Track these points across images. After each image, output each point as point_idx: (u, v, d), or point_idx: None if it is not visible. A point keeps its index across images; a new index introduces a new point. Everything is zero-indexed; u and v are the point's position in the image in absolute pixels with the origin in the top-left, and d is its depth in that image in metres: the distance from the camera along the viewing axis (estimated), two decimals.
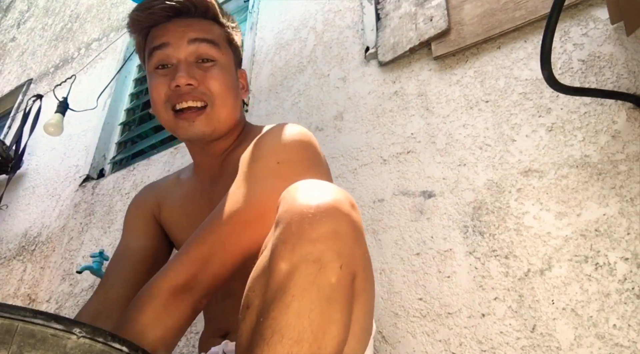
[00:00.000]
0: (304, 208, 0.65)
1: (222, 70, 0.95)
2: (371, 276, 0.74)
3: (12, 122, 2.95)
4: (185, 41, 0.93)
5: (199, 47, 0.93)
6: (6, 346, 0.46)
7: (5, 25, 4.07)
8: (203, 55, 0.94)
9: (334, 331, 0.62)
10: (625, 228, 0.97)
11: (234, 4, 2.39)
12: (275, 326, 0.61)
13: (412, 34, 1.49)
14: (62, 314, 0.84)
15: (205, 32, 0.95)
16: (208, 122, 0.93)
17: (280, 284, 0.63)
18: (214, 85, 0.93)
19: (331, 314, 0.63)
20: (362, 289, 0.69)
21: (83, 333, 0.48)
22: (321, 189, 0.69)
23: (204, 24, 0.97)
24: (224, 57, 0.96)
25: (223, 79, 0.94)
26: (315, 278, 0.62)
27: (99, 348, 0.49)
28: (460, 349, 1.02)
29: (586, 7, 1.23)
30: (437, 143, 1.30)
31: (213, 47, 0.94)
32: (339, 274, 0.64)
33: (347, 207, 0.67)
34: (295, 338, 0.60)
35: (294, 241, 0.64)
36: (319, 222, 0.64)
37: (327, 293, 0.62)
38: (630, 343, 0.87)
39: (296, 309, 0.61)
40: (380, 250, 1.23)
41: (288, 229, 0.65)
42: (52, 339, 0.47)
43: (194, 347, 1.39)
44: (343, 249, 0.65)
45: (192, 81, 0.91)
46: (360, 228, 0.69)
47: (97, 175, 2.25)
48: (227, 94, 0.95)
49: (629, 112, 1.07)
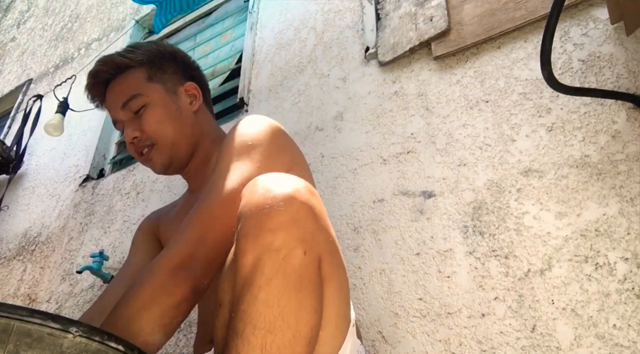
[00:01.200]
0: (261, 200, 0.67)
1: (152, 110, 1.07)
2: (339, 260, 0.75)
3: (12, 123, 2.95)
4: (118, 108, 1.08)
5: (128, 106, 1.07)
6: (3, 344, 0.46)
7: (5, 25, 4.07)
8: (134, 109, 1.07)
9: (305, 317, 0.64)
10: (625, 228, 0.96)
11: (234, 4, 2.38)
12: (246, 318, 0.62)
13: (412, 34, 1.49)
14: (62, 314, 0.84)
15: (125, 92, 1.08)
16: (160, 154, 1.07)
17: (247, 277, 0.64)
18: (149, 127, 1.06)
19: (300, 301, 0.64)
20: (331, 274, 0.70)
21: (80, 332, 0.48)
22: (278, 180, 0.71)
23: (124, 81, 1.10)
24: (149, 97, 1.08)
25: (154, 116, 1.07)
26: (279, 266, 0.63)
27: (95, 347, 0.49)
28: (460, 349, 1.01)
29: (586, 7, 1.23)
30: (437, 143, 1.30)
31: (136, 98, 1.07)
32: (303, 260, 0.65)
33: (304, 194, 0.69)
34: (268, 327, 0.61)
35: (254, 233, 0.65)
36: (276, 212, 0.66)
37: (293, 279, 0.64)
38: (630, 343, 0.87)
39: (264, 299, 0.62)
40: (380, 250, 1.23)
41: (248, 222, 0.67)
42: (49, 339, 0.47)
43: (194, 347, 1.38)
44: (304, 235, 0.66)
45: (135, 134, 1.06)
46: (321, 214, 0.71)
47: (97, 175, 2.25)
48: (164, 126, 1.07)
49: (629, 112, 1.06)
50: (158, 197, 1.86)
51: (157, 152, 1.06)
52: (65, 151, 2.47)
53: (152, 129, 1.05)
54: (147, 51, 1.13)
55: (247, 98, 1.87)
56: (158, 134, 1.06)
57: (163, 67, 1.12)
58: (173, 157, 1.08)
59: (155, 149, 1.06)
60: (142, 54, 1.12)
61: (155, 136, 1.06)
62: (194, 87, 1.15)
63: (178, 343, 1.43)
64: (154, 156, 1.07)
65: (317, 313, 0.66)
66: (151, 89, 1.09)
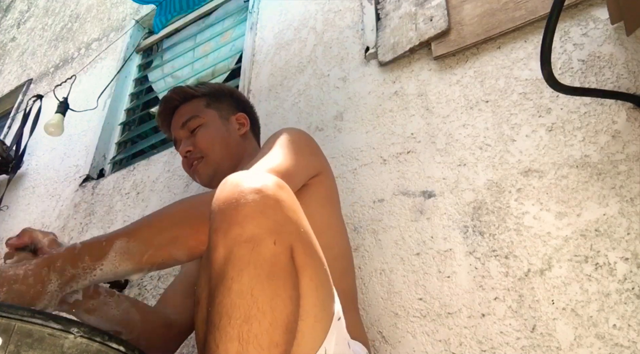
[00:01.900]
0: (229, 195, 0.70)
1: (206, 129, 1.27)
2: (314, 250, 0.75)
3: (12, 123, 2.94)
4: (178, 127, 1.30)
5: (186, 126, 1.28)
6: (4, 345, 0.46)
7: (5, 25, 4.07)
8: (191, 127, 1.28)
9: (280, 304, 0.65)
10: (625, 228, 0.96)
11: (234, 4, 2.38)
12: (221, 309, 0.63)
13: (412, 34, 1.49)
14: (62, 315, 0.84)
15: (187, 113, 1.30)
16: (206, 166, 1.24)
17: (219, 271, 0.66)
18: (201, 143, 1.25)
19: (274, 290, 0.65)
20: (305, 263, 0.71)
21: (80, 333, 0.48)
22: (247, 176, 0.73)
23: (187, 107, 1.32)
24: (207, 118, 1.29)
25: (207, 135, 1.26)
26: (250, 256, 0.65)
27: (96, 348, 0.49)
28: (460, 349, 1.01)
29: (586, 7, 1.23)
30: (437, 143, 1.30)
31: (194, 118, 1.28)
32: (273, 250, 0.66)
33: (271, 187, 0.71)
34: (243, 317, 0.62)
35: (224, 227, 0.67)
36: (244, 205, 0.68)
37: (265, 269, 0.65)
38: (630, 343, 0.87)
39: (237, 290, 0.63)
40: (380, 250, 1.23)
41: (217, 217, 0.69)
42: (50, 339, 0.47)
43: (194, 347, 1.38)
44: (273, 226, 0.68)
45: (188, 148, 1.26)
46: (290, 205, 0.73)
47: (97, 175, 2.25)
48: (214, 143, 1.25)
49: (629, 112, 1.07)
50: (158, 197, 1.86)
51: (204, 164, 1.24)
52: (65, 151, 2.47)
53: (203, 144, 1.24)
54: (209, 87, 1.37)
55: (247, 98, 1.87)
56: (207, 149, 1.24)
57: (220, 99, 1.35)
58: (217, 170, 1.23)
59: (203, 162, 1.24)
60: (205, 88, 1.36)
61: (205, 150, 1.24)
62: (243, 117, 1.36)
63: None
64: (201, 168, 1.24)
65: (291, 300, 0.67)
66: (207, 113, 1.30)
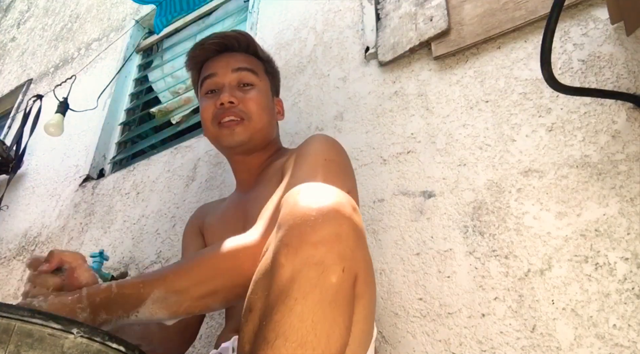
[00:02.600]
0: (306, 211, 0.66)
1: (259, 93, 1.14)
2: (372, 279, 0.74)
3: (12, 123, 2.95)
4: (229, 70, 1.13)
5: (240, 74, 1.13)
6: (4, 345, 0.46)
7: (5, 25, 4.07)
8: (244, 80, 1.13)
9: (336, 333, 0.63)
10: (625, 228, 0.96)
11: (234, 4, 2.38)
12: (278, 329, 0.61)
13: (412, 34, 1.49)
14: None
15: (246, 63, 1.15)
16: (245, 130, 1.10)
17: (283, 288, 0.63)
18: (251, 104, 1.11)
19: (334, 317, 0.63)
20: (363, 292, 0.70)
21: (81, 333, 0.48)
22: (323, 192, 0.70)
23: (246, 57, 1.17)
24: (261, 83, 1.16)
25: (259, 100, 1.13)
26: (317, 280, 0.63)
27: (96, 348, 0.49)
28: (460, 349, 1.01)
29: (586, 7, 1.23)
30: (437, 143, 1.30)
31: (252, 74, 1.14)
32: (341, 277, 0.64)
33: (348, 210, 0.68)
34: (299, 341, 0.61)
35: (296, 244, 0.65)
36: (320, 225, 0.65)
37: (329, 295, 0.63)
38: (630, 343, 0.87)
39: (299, 312, 0.62)
40: (380, 250, 1.23)
41: (290, 232, 0.66)
42: (50, 339, 0.47)
43: (194, 347, 1.39)
44: (345, 252, 0.65)
45: (233, 100, 1.09)
46: (362, 231, 0.70)
47: (97, 175, 2.25)
48: (262, 112, 1.13)
49: (629, 112, 1.07)
50: (158, 197, 1.86)
51: (244, 128, 1.10)
52: (65, 151, 2.47)
53: (253, 107, 1.11)
54: (269, 55, 1.25)
55: None
56: (256, 114, 1.11)
57: (274, 74, 1.25)
58: (252, 141, 1.12)
59: (244, 124, 1.10)
60: (266, 54, 1.24)
61: (252, 114, 1.11)
62: (281, 104, 1.27)
63: None
64: (239, 130, 1.10)
65: (347, 330, 0.66)
66: (264, 79, 1.19)
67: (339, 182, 0.92)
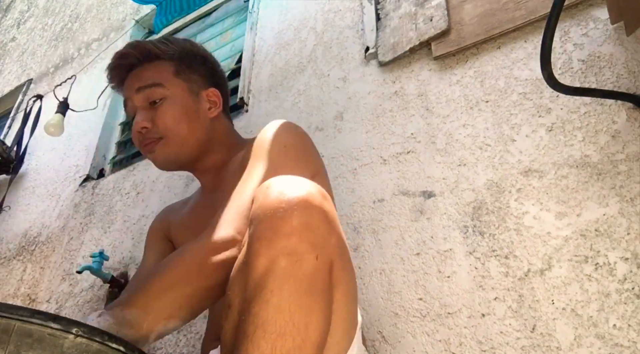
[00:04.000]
0: (276, 203, 0.67)
1: (171, 105, 1.06)
2: (349, 265, 0.75)
3: (12, 123, 2.95)
4: (133, 93, 1.07)
5: (144, 93, 1.06)
6: (3, 345, 0.46)
7: (5, 25, 4.07)
8: (151, 98, 1.06)
9: (315, 322, 0.64)
10: (625, 228, 0.96)
11: (234, 4, 2.38)
12: (257, 321, 0.62)
13: (412, 34, 1.49)
14: (62, 314, 0.84)
15: (147, 78, 1.07)
16: (165, 148, 1.05)
17: (259, 280, 0.64)
18: (163, 120, 1.04)
19: (311, 306, 0.64)
20: (341, 278, 0.71)
21: (80, 333, 0.48)
22: (292, 183, 0.71)
23: (150, 69, 1.08)
24: (172, 91, 1.07)
25: (171, 112, 1.05)
26: (292, 270, 0.64)
27: (96, 348, 0.49)
28: (460, 349, 1.01)
29: (586, 7, 1.23)
30: (437, 143, 1.30)
31: (156, 87, 1.06)
32: (315, 265, 0.65)
33: (318, 199, 0.69)
34: (278, 332, 0.61)
35: (268, 237, 0.65)
36: (290, 216, 0.66)
37: (305, 284, 0.64)
38: (630, 343, 0.87)
39: (276, 303, 0.62)
40: (380, 250, 1.23)
41: (262, 225, 0.67)
42: (50, 339, 0.47)
43: (194, 347, 1.39)
44: (317, 240, 0.66)
45: (145, 124, 1.04)
46: (333, 218, 0.71)
47: (97, 175, 2.25)
48: (178, 123, 1.05)
49: (629, 112, 1.07)
50: (158, 197, 1.86)
51: (163, 147, 1.05)
52: (65, 151, 2.47)
53: (165, 124, 1.04)
54: (180, 47, 1.12)
55: (247, 98, 1.88)
56: (170, 131, 1.04)
57: (192, 66, 1.12)
58: (178, 156, 1.07)
59: (162, 143, 1.05)
60: (175, 49, 1.11)
61: (166, 132, 1.04)
62: (216, 94, 1.14)
63: (178, 343, 1.43)
64: (160, 150, 1.05)
65: (326, 318, 0.66)
66: (175, 85, 1.08)
67: (301, 167, 0.92)
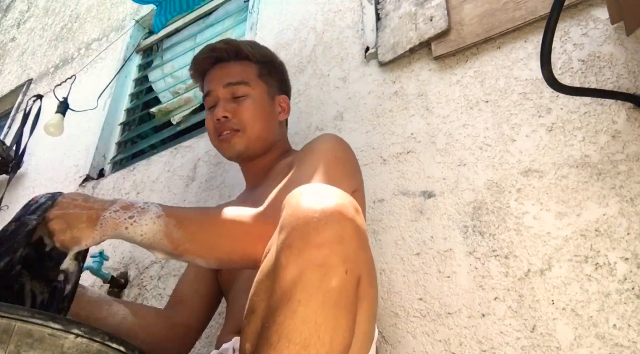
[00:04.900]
0: (309, 212, 0.66)
1: (252, 102, 1.18)
2: (375, 281, 0.74)
3: (12, 123, 2.94)
4: (221, 86, 1.18)
5: (231, 89, 1.18)
6: (4, 345, 0.46)
7: (5, 25, 4.07)
8: (236, 93, 1.18)
9: (340, 335, 0.63)
10: (625, 228, 0.96)
11: (234, 4, 2.38)
12: (281, 331, 0.61)
13: (412, 34, 1.49)
14: None
15: (236, 76, 1.19)
16: (241, 141, 1.16)
17: (286, 289, 0.63)
18: (244, 115, 1.16)
19: (337, 319, 0.63)
20: (366, 294, 0.70)
21: (81, 333, 0.48)
22: (326, 193, 0.70)
23: (238, 66, 1.21)
24: (255, 91, 1.19)
25: (253, 109, 1.17)
26: (320, 282, 0.63)
27: (96, 348, 0.49)
28: (460, 349, 1.01)
29: (586, 7, 1.23)
30: (437, 143, 1.30)
31: (243, 86, 1.18)
32: (344, 279, 0.64)
33: (351, 212, 0.68)
34: (302, 343, 0.60)
35: (299, 246, 0.64)
36: (323, 227, 0.65)
37: (332, 297, 0.63)
38: (630, 343, 0.87)
39: (302, 315, 0.62)
40: (380, 250, 1.23)
41: (293, 233, 0.66)
42: (50, 339, 0.47)
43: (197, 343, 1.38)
44: (348, 254, 0.65)
45: (226, 113, 1.15)
46: (365, 233, 0.70)
47: (97, 175, 2.25)
48: (257, 120, 1.17)
49: (629, 112, 1.07)
50: (158, 197, 1.86)
51: (240, 139, 1.16)
52: (65, 151, 2.47)
53: (246, 117, 1.16)
54: (265, 53, 1.27)
55: None
56: (249, 124, 1.16)
57: (272, 72, 1.26)
58: (249, 149, 1.17)
59: (238, 135, 1.16)
60: (261, 54, 1.25)
61: (246, 125, 1.16)
62: (286, 101, 1.29)
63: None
64: (235, 141, 1.16)
65: (350, 331, 0.66)
66: (258, 85, 1.20)
67: (346, 181, 0.94)
